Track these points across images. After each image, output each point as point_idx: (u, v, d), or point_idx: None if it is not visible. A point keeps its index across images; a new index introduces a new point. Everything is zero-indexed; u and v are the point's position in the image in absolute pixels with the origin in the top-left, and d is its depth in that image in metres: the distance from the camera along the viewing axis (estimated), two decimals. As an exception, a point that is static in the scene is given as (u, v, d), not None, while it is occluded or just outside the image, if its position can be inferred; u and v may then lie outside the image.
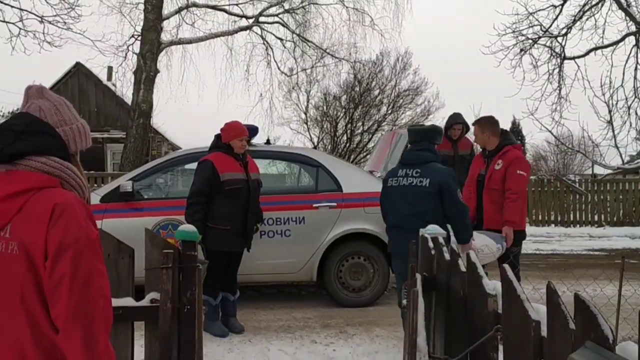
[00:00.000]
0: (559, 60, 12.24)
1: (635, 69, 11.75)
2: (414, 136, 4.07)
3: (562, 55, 12.22)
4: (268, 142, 7.09)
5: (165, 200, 5.41)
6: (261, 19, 15.02)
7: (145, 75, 12.29)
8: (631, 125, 11.51)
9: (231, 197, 4.46)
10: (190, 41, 14.50)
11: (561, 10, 12.01)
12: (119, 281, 2.20)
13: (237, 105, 36.41)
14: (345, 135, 21.02)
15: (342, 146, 20.96)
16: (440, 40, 44.78)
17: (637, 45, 11.76)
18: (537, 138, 51.66)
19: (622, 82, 11.48)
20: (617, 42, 11.81)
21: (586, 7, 11.88)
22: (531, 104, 12.12)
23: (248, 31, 15.13)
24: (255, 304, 5.56)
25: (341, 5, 15.53)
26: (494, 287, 1.57)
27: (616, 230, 12.00)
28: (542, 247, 9.81)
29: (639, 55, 11.77)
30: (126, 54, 13.78)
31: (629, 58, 11.71)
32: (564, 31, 12.12)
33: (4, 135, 1.39)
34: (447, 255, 2.20)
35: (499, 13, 18.07)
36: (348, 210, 5.40)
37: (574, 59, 12.15)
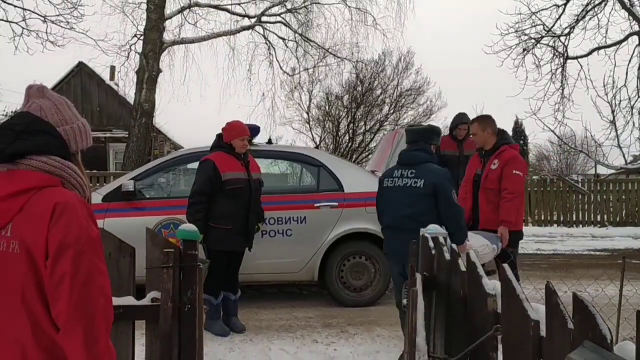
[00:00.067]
0: (562, 60, 12.21)
1: (639, 69, 11.72)
2: (411, 136, 4.03)
3: (565, 55, 12.20)
4: (270, 141, 7.10)
5: (167, 200, 5.42)
6: (264, 18, 15.05)
7: (148, 75, 12.32)
8: (634, 126, 11.50)
9: (233, 197, 4.46)
10: (192, 41, 14.54)
11: (564, 10, 11.99)
12: (121, 280, 2.21)
13: (239, 105, 36.41)
14: (347, 135, 21.02)
15: (344, 146, 20.97)
16: (442, 40, 44.70)
17: (640, 45, 11.74)
18: (540, 138, 51.54)
19: (626, 82, 11.48)
20: (620, 42, 11.78)
21: (589, 7, 11.85)
22: (534, 104, 12.07)
23: (250, 31, 15.17)
24: (256, 303, 5.56)
25: (344, 5, 15.56)
26: (493, 287, 1.58)
27: (619, 231, 11.98)
28: (545, 248, 9.78)
29: (642, 55, 11.74)
30: (129, 54, 13.84)
31: (632, 58, 11.69)
32: (567, 31, 12.10)
33: (5, 135, 1.39)
34: (447, 255, 2.20)
35: (502, 13, 18.00)
36: (350, 210, 5.40)
37: (577, 58, 12.13)
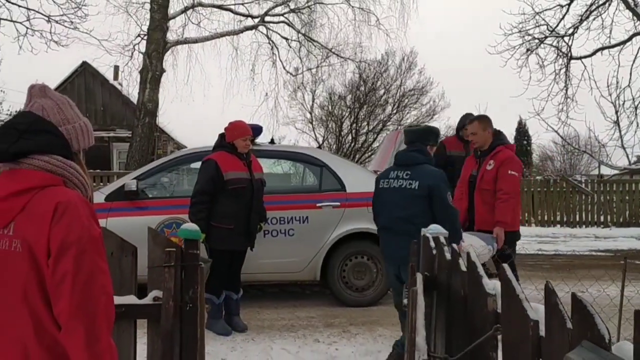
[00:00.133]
0: (565, 60, 12.18)
1: (643, 69, 11.68)
2: (408, 137, 4.01)
3: (569, 55, 12.16)
4: (272, 141, 7.11)
5: (170, 199, 5.42)
6: (267, 18, 15.07)
7: (151, 74, 12.35)
8: (638, 126, 11.45)
9: (235, 197, 4.47)
10: (196, 41, 14.57)
11: (568, 10, 11.97)
12: (122, 279, 2.22)
13: (242, 104, 36.27)
14: (350, 135, 21.03)
15: (347, 146, 20.98)
16: (445, 40, 44.64)
17: (644, 45, 11.72)
18: (544, 138, 51.42)
19: (629, 82, 11.43)
20: (624, 42, 11.74)
21: (593, 7, 11.82)
22: (537, 104, 12.04)
23: (254, 31, 15.19)
24: (258, 302, 5.57)
25: (347, 4, 15.56)
26: (493, 286, 1.58)
27: (622, 231, 11.95)
28: (547, 248, 9.77)
29: (646, 55, 11.70)
30: (132, 54, 13.88)
31: (636, 58, 11.64)
32: (570, 31, 12.07)
33: (7, 134, 1.40)
34: (448, 255, 2.20)
35: (505, 13, 17.97)
36: (351, 209, 5.40)
37: (580, 58, 12.10)
